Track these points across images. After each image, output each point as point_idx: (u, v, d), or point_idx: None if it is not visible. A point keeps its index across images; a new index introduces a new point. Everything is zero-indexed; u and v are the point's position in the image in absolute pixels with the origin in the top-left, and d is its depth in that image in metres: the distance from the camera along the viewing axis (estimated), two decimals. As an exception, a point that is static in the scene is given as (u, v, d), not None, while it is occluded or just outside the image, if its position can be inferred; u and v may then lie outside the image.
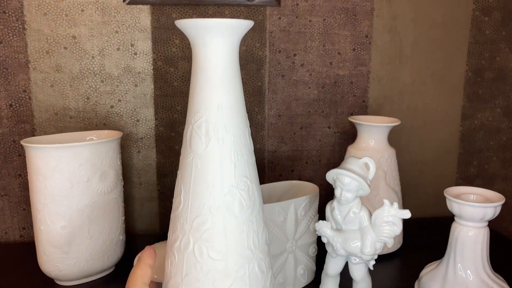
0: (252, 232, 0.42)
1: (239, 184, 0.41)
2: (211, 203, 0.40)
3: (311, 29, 0.84)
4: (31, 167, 0.62)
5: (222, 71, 0.40)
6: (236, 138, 0.41)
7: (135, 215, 0.84)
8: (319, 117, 0.88)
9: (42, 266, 0.65)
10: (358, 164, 0.54)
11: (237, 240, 0.41)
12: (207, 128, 0.40)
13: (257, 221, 0.43)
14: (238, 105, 0.42)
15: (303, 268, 0.65)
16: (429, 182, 0.95)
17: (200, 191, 0.41)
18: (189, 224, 0.41)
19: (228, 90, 0.41)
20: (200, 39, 0.40)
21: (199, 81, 0.41)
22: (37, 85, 0.77)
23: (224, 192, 0.40)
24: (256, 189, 0.43)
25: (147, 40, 0.79)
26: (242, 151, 0.42)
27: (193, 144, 0.41)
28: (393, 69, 0.89)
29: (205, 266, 0.40)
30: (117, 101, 0.80)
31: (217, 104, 0.40)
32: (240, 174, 0.41)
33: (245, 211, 0.41)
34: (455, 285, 0.60)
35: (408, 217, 0.51)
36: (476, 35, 0.91)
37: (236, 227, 0.41)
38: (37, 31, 0.75)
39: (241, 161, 0.41)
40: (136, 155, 0.82)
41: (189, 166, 0.41)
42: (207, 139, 0.40)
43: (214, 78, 0.40)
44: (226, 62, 0.41)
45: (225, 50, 0.40)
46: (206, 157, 0.40)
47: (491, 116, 0.95)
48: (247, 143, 0.43)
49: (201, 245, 0.40)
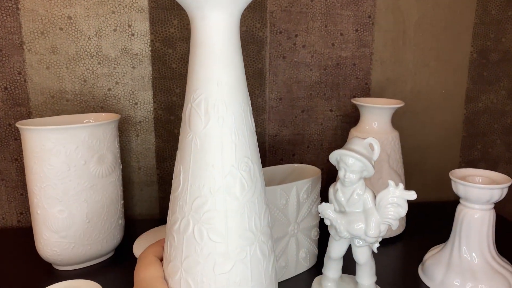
0: (254, 214, 0.41)
1: (240, 165, 0.40)
2: (211, 184, 0.39)
3: (312, 9, 0.82)
4: (27, 150, 0.61)
5: (222, 45, 0.39)
6: (236, 117, 0.40)
7: (134, 200, 0.83)
8: (320, 100, 0.87)
9: (40, 251, 0.64)
10: (363, 145, 0.52)
11: (238, 222, 0.40)
12: (206, 106, 0.39)
13: (258, 202, 0.41)
14: (239, 82, 0.40)
15: (305, 252, 0.64)
16: (432, 165, 0.94)
17: (199, 172, 0.39)
18: (188, 206, 0.40)
19: (228, 66, 0.39)
20: (199, 11, 0.38)
21: (198, 57, 0.39)
22: (32, 67, 0.75)
23: (225, 173, 0.39)
24: (258, 170, 0.42)
25: (144, 20, 0.77)
26: (243, 131, 0.40)
27: (192, 123, 0.40)
28: (397, 50, 0.87)
29: (205, 249, 0.39)
30: (115, 84, 0.78)
31: (217, 80, 0.39)
32: (241, 155, 0.40)
33: (247, 192, 0.40)
34: (460, 268, 0.59)
35: (413, 198, 0.50)
36: (482, 15, 0.89)
37: (237, 208, 0.40)
38: (32, 11, 0.73)
39: (242, 141, 0.40)
40: (134, 139, 0.81)
41: (188, 146, 0.40)
42: (206, 118, 0.39)
43: (213, 53, 0.39)
44: (226, 36, 0.39)
45: (225, 23, 0.39)
46: (205, 137, 0.39)
47: (495, 99, 0.93)
48: (248, 122, 0.41)
49: (201, 227, 0.39)
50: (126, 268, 0.65)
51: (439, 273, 0.60)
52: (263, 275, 0.41)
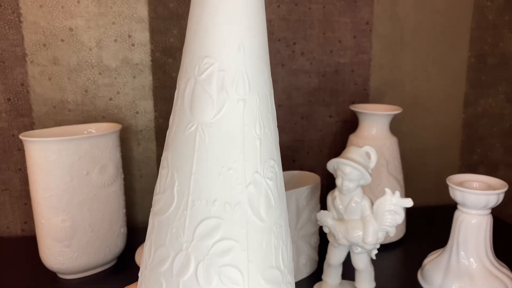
0: (281, 244, 0.29)
1: (266, 170, 0.28)
2: (226, 198, 0.27)
3: (310, 17, 0.83)
4: (30, 161, 0.62)
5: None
6: (262, 100, 0.28)
7: (136, 208, 0.84)
8: (320, 107, 0.88)
9: (44, 260, 0.65)
10: (359, 153, 0.53)
11: (263, 256, 0.28)
12: (221, 82, 0.27)
13: (285, 225, 0.30)
14: (265, 49, 0.29)
15: (305, 258, 0.65)
16: (432, 170, 0.94)
17: (208, 180, 0.27)
18: (188, 233, 0.27)
19: (254, 25, 0.27)
20: None
21: (209, 8, 0.27)
22: (34, 78, 0.76)
23: (247, 181, 0.27)
24: (282, 178, 0.31)
25: (144, 31, 0.78)
26: (269, 121, 0.29)
27: (196, 107, 0.27)
28: (395, 56, 0.88)
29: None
30: (116, 93, 0.79)
31: (239, 44, 0.27)
32: (267, 156, 0.29)
33: (274, 211, 0.28)
34: (458, 273, 0.59)
35: (410, 205, 0.51)
36: (479, 20, 0.89)
37: (263, 235, 0.28)
38: (33, 23, 0.74)
39: (267, 136, 0.29)
40: (136, 147, 0.82)
41: (189, 142, 0.28)
42: (221, 99, 0.27)
43: (234, 3, 0.27)
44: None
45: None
46: (218, 127, 0.27)
47: (494, 103, 0.94)
48: (273, 109, 0.30)
49: (208, 265, 0.27)
50: (129, 277, 0.66)
51: (437, 278, 0.61)
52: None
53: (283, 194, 0.30)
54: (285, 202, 0.31)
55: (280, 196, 0.30)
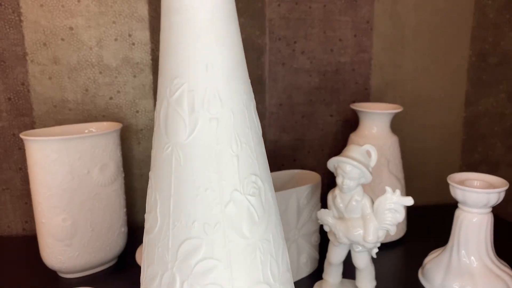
0: (270, 257, 0.29)
1: (246, 187, 0.28)
2: (205, 218, 0.27)
3: (311, 16, 0.83)
4: (31, 160, 0.62)
5: (211, 10, 0.26)
6: (237, 116, 0.28)
7: (137, 207, 0.84)
8: (320, 106, 0.87)
9: (44, 259, 0.65)
10: (360, 152, 0.53)
11: (249, 273, 0.28)
12: (191, 102, 0.27)
13: (275, 240, 0.30)
14: (238, 64, 0.28)
15: (305, 257, 0.65)
16: (433, 169, 0.94)
17: (186, 201, 0.27)
18: (172, 254, 0.27)
19: (222, 42, 0.27)
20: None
21: (174, 29, 0.27)
22: (35, 77, 0.76)
23: (225, 200, 0.27)
24: (270, 191, 0.30)
25: (144, 30, 0.78)
26: (248, 136, 0.29)
27: (171, 128, 0.27)
28: (395, 55, 0.88)
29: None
30: (116, 92, 0.79)
31: (206, 63, 0.26)
32: (247, 172, 0.28)
33: (258, 227, 0.28)
34: (459, 272, 0.59)
35: (410, 204, 0.51)
36: (480, 18, 0.89)
37: (246, 253, 0.28)
38: (34, 22, 0.74)
39: (246, 151, 0.28)
40: (136, 146, 0.82)
41: (166, 164, 0.28)
42: (193, 119, 0.27)
43: (198, 22, 0.26)
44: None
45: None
46: (192, 148, 0.27)
47: (495, 102, 0.93)
48: (254, 123, 0.30)
49: (193, 284, 0.27)
50: (129, 276, 0.66)
51: (438, 277, 0.61)
52: None
53: (272, 206, 0.30)
54: (274, 214, 0.30)
55: (267, 210, 0.29)
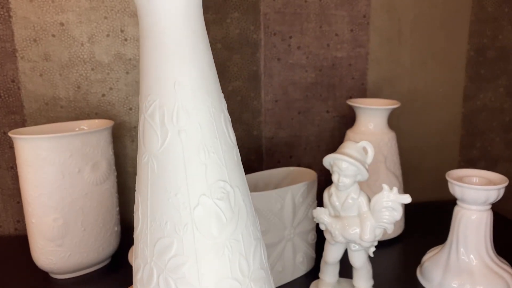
0: (238, 255, 0.32)
1: (214, 192, 0.31)
2: (176, 220, 0.30)
3: (307, 10, 0.82)
4: (20, 159, 0.60)
5: (176, 34, 0.30)
6: (205, 128, 0.31)
7: (130, 206, 0.83)
8: (317, 102, 0.86)
9: (35, 260, 0.64)
10: (356, 148, 0.52)
11: (216, 269, 0.31)
12: (162, 117, 0.30)
13: (244, 238, 0.32)
14: (205, 82, 0.31)
15: (302, 256, 0.64)
16: (431, 165, 0.93)
17: (160, 204, 0.31)
18: (150, 250, 0.31)
19: (188, 61, 0.30)
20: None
21: (147, 51, 0.31)
22: (25, 74, 0.75)
23: (193, 204, 0.31)
24: (241, 195, 0.33)
25: (137, 25, 0.76)
26: (216, 145, 0.32)
27: (147, 140, 0.31)
28: (392, 50, 0.87)
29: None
30: (109, 89, 0.78)
31: (174, 81, 0.30)
32: (215, 178, 0.31)
33: (226, 227, 0.31)
34: (458, 270, 0.58)
35: (408, 202, 0.50)
36: (478, 12, 0.88)
37: (213, 251, 0.31)
38: (23, 18, 0.73)
39: (214, 160, 0.31)
40: (130, 144, 0.81)
41: (144, 171, 0.32)
42: (163, 132, 0.30)
43: (166, 45, 0.30)
44: (181, 21, 0.30)
45: (179, 4, 0.30)
46: (164, 157, 0.30)
47: (493, 97, 0.92)
48: (224, 133, 0.32)
49: (167, 277, 0.31)
50: (123, 275, 0.65)
51: (437, 275, 0.60)
52: None
53: (242, 208, 0.32)
54: (246, 215, 0.33)
55: (236, 212, 0.32)
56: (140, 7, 0.31)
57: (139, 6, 0.31)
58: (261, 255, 0.34)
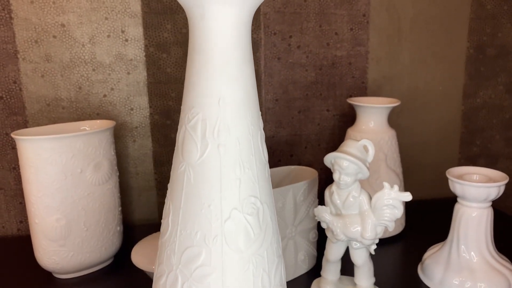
0: (262, 271, 0.33)
1: (245, 207, 0.32)
2: (206, 230, 0.31)
3: (306, 9, 0.82)
4: (23, 160, 0.61)
5: (226, 52, 0.31)
6: (243, 144, 0.32)
7: (133, 205, 0.83)
8: (317, 100, 0.86)
9: (39, 260, 0.64)
10: (357, 147, 0.52)
11: (240, 283, 0.32)
12: (204, 130, 0.31)
13: (268, 255, 0.33)
14: (248, 100, 0.32)
15: (303, 254, 0.64)
16: (432, 163, 0.93)
17: (192, 214, 0.32)
18: (177, 257, 0.32)
19: (234, 80, 0.31)
20: (198, 9, 0.30)
21: (196, 66, 0.32)
22: (27, 75, 0.75)
23: (224, 217, 0.31)
24: (269, 212, 0.34)
25: (138, 26, 0.77)
26: (251, 162, 0.32)
27: (185, 150, 0.32)
28: (392, 48, 0.87)
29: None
30: (110, 90, 0.78)
31: (219, 97, 0.31)
32: (247, 193, 0.32)
33: (253, 243, 0.32)
34: (458, 267, 0.58)
35: (408, 199, 0.50)
36: (477, 10, 0.88)
37: (239, 265, 0.32)
38: (25, 20, 0.73)
39: (248, 176, 0.32)
40: (131, 144, 0.81)
41: (180, 179, 0.33)
42: (203, 145, 0.31)
43: (215, 62, 0.31)
44: (232, 41, 0.31)
45: (231, 24, 0.31)
46: (201, 168, 0.31)
47: (493, 94, 0.92)
48: (259, 151, 0.33)
49: (191, 285, 0.32)
50: (126, 275, 0.66)
51: (438, 273, 0.60)
52: None
53: (269, 225, 0.33)
54: (271, 232, 0.34)
55: (263, 229, 0.33)
56: (192, 24, 0.32)
57: (191, 22, 0.32)
58: (281, 272, 0.35)
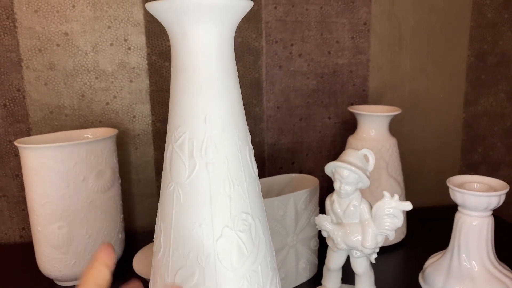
0: (256, 286, 0.33)
1: (237, 224, 0.32)
2: (199, 250, 0.31)
3: (308, 18, 0.83)
4: (26, 168, 0.61)
5: (210, 69, 0.31)
6: (231, 160, 0.32)
7: (135, 213, 0.84)
8: (318, 108, 0.87)
9: (41, 267, 0.65)
10: (357, 156, 0.53)
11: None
12: (191, 149, 0.31)
13: (263, 270, 0.33)
14: (234, 116, 0.32)
15: (304, 262, 0.64)
16: (433, 170, 0.93)
17: (184, 234, 0.31)
18: (170, 278, 0.32)
19: (219, 97, 0.31)
20: (179, 28, 0.30)
21: (180, 85, 0.31)
22: (30, 83, 0.76)
23: (216, 236, 0.31)
24: (261, 227, 0.34)
25: (140, 34, 0.77)
26: (241, 178, 0.33)
27: (174, 170, 0.32)
28: (393, 56, 0.87)
29: None
30: (113, 98, 0.79)
31: (205, 114, 0.31)
32: (238, 210, 0.32)
33: (246, 259, 0.32)
34: (459, 276, 0.58)
35: (409, 209, 0.50)
36: (478, 18, 0.88)
37: (233, 282, 0.31)
38: (29, 28, 0.74)
39: (238, 192, 0.32)
40: (133, 152, 0.81)
41: (169, 200, 0.32)
42: (191, 164, 0.31)
43: (199, 80, 0.31)
44: (215, 57, 0.31)
45: (213, 41, 0.31)
46: (190, 188, 0.31)
47: (494, 102, 0.93)
48: (248, 166, 0.34)
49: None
50: (128, 282, 0.66)
51: (439, 281, 0.60)
52: None
53: (262, 240, 0.33)
54: (265, 247, 0.33)
55: (256, 244, 0.32)
56: (174, 43, 0.31)
57: (173, 41, 0.31)
58: (276, 284, 0.35)
